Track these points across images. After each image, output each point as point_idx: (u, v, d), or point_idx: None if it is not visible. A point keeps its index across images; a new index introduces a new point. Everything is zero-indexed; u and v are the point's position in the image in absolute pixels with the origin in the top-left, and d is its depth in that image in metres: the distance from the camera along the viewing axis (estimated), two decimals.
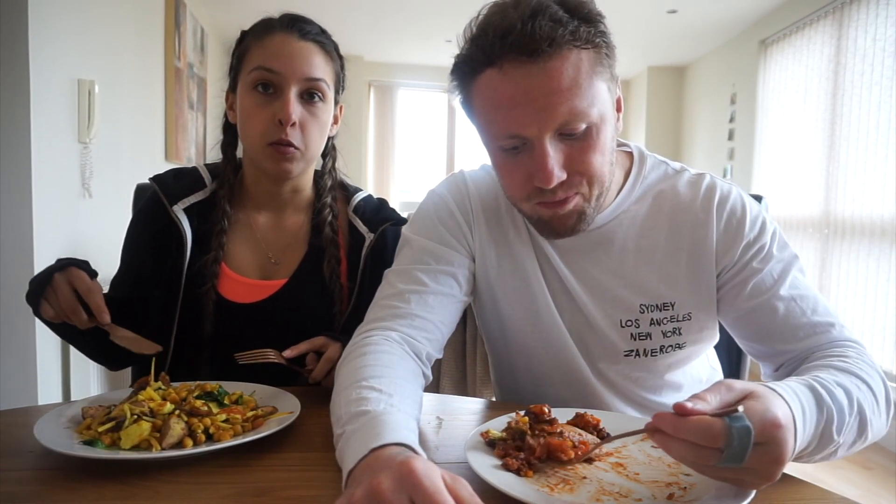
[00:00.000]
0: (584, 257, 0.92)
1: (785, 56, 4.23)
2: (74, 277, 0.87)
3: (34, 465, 0.68)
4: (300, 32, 1.01)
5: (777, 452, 0.55)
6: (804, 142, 3.93)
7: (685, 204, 0.90)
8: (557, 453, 0.67)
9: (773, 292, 0.84)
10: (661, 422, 0.55)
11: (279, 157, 0.99)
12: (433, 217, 0.95)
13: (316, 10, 1.17)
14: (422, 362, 0.85)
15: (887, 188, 3.16)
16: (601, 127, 0.78)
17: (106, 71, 2.34)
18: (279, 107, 0.98)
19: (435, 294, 0.89)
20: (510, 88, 0.75)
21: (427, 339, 0.86)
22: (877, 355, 3.18)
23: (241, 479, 0.66)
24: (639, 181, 0.92)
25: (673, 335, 0.90)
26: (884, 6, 3.26)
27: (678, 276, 0.89)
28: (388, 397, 0.68)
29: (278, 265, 1.08)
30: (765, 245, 0.87)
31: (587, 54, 0.76)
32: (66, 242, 2.04)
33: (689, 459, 0.56)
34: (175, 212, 1.02)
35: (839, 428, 0.65)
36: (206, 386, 0.83)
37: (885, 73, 3.22)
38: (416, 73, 6.23)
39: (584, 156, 0.78)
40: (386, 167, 6.40)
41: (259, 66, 0.98)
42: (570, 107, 0.74)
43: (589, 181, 0.81)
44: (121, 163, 2.52)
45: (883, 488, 2.49)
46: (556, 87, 0.73)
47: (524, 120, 0.75)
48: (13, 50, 1.73)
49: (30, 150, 1.76)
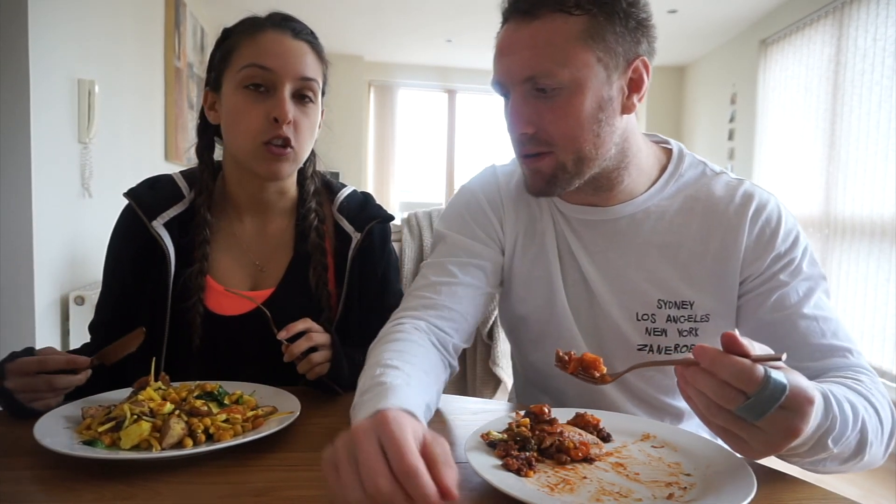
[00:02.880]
0: (606, 246, 0.92)
1: (785, 56, 4.23)
2: (16, 368, 0.80)
3: (34, 465, 0.68)
4: (293, 31, 0.99)
5: (795, 424, 0.55)
6: (804, 142, 3.93)
7: (719, 207, 0.89)
8: (591, 370, 0.68)
9: (795, 309, 0.84)
10: (701, 353, 0.56)
11: (272, 157, 0.97)
12: (464, 212, 1.00)
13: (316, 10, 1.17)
14: (447, 352, 0.89)
15: (887, 188, 3.16)
16: (575, 92, 0.81)
17: (106, 71, 2.34)
18: (274, 104, 0.95)
19: (464, 286, 0.93)
20: (504, 41, 0.85)
21: (454, 330, 0.91)
22: (877, 355, 3.18)
23: (241, 479, 0.66)
24: (673, 177, 0.93)
25: (689, 335, 0.90)
26: (884, 6, 3.26)
27: (701, 277, 0.89)
28: (406, 376, 0.72)
29: (264, 273, 1.05)
30: (795, 259, 0.86)
31: (577, 21, 0.80)
32: (65, 242, 2.04)
33: (711, 398, 0.56)
34: (155, 228, 0.99)
35: (837, 438, 0.65)
36: (206, 386, 0.83)
37: (885, 73, 3.22)
38: (416, 73, 6.24)
39: (552, 115, 0.82)
40: (386, 167, 6.40)
41: (252, 63, 0.96)
42: (537, 63, 0.80)
43: (560, 144, 0.83)
44: (121, 163, 2.52)
45: (883, 488, 2.49)
46: (532, 43, 0.81)
47: (503, 69, 0.85)
48: (13, 50, 1.73)
49: (30, 150, 1.77)
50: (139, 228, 1.00)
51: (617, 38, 0.81)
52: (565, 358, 0.70)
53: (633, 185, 0.91)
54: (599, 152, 0.85)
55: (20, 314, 1.76)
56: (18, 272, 1.76)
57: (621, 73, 0.83)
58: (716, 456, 0.68)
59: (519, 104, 0.83)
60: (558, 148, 0.83)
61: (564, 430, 0.71)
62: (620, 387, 0.94)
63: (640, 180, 0.92)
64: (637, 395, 0.95)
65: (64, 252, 2.03)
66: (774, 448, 0.57)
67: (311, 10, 4.89)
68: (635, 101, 0.85)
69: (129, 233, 1.02)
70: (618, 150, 0.87)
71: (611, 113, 0.84)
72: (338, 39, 5.37)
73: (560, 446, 0.69)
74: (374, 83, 6.26)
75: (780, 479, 0.69)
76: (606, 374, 0.69)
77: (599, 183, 0.89)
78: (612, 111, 0.84)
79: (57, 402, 0.83)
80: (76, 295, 2.03)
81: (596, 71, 0.81)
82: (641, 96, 0.85)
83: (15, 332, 1.76)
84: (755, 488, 0.59)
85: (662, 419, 0.94)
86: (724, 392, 0.55)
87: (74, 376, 0.83)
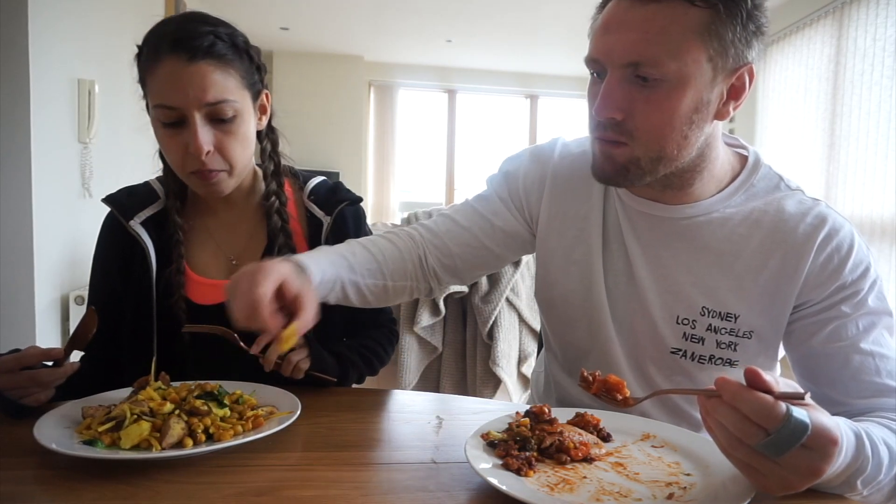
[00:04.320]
0: (660, 243, 0.90)
1: (785, 56, 4.23)
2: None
3: (34, 465, 0.68)
4: (188, 53, 0.91)
5: (817, 464, 0.54)
6: (804, 142, 3.93)
7: (787, 224, 0.84)
8: (614, 392, 0.69)
9: (853, 342, 0.80)
10: (723, 386, 0.55)
11: (205, 182, 0.97)
12: (505, 174, 1.03)
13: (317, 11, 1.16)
14: (422, 264, 0.99)
15: (887, 188, 3.16)
16: (676, 87, 0.76)
17: (106, 71, 2.34)
18: (188, 138, 0.93)
19: (466, 231, 0.99)
20: (613, 16, 0.78)
21: (436, 258, 0.99)
22: None
23: (241, 479, 0.66)
24: (744, 186, 0.89)
25: (727, 349, 0.86)
26: (884, 6, 3.26)
27: (752, 292, 0.85)
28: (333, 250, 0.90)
29: (238, 265, 1.06)
30: (860, 291, 0.81)
31: (698, 13, 0.74)
32: (65, 242, 2.04)
33: (731, 431, 0.55)
34: (133, 226, 1.01)
35: (867, 481, 0.63)
36: (206, 386, 0.83)
37: (885, 73, 3.22)
38: (416, 73, 6.24)
39: (646, 106, 0.77)
40: (386, 167, 6.40)
41: (158, 103, 0.93)
42: (646, 48, 0.74)
43: (644, 138, 0.78)
44: (121, 163, 2.52)
45: None
46: (645, 27, 0.74)
47: (605, 46, 0.78)
48: (13, 50, 1.73)
49: (30, 150, 1.77)
50: (120, 230, 1.02)
51: (734, 39, 0.75)
52: (589, 378, 0.70)
53: (703, 188, 0.88)
54: (681, 154, 0.81)
55: (20, 314, 1.76)
56: (18, 272, 1.76)
57: (727, 76, 0.78)
58: (716, 456, 0.68)
59: (613, 87, 0.77)
60: (639, 142, 0.79)
61: (564, 429, 0.71)
62: (644, 386, 0.92)
63: (710, 184, 0.88)
64: (660, 399, 0.93)
65: (64, 252, 2.03)
66: (795, 486, 0.56)
67: (311, 11, 4.89)
68: (731, 108, 0.80)
69: (111, 235, 1.05)
70: (698, 153, 0.83)
71: (705, 116, 0.79)
72: (338, 39, 5.37)
73: (560, 446, 0.69)
74: (374, 83, 6.26)
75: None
76: (630, 398, 0.69)
77: (670, 182, 0.86)
78: (707, 114, 0.79)
79: (47, 396, 0.84)
80: (76, 295, 2.03)
81: (704, 70, 0.76)
82: (738, 105, 0.81)
83: (15, 332, 1.76)
84: (755, 489, 0.59)
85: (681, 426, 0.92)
86: (744, 427, 0.54)
87: (58, 369, 0.84)
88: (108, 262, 1.06)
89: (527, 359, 2.08)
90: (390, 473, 0.68)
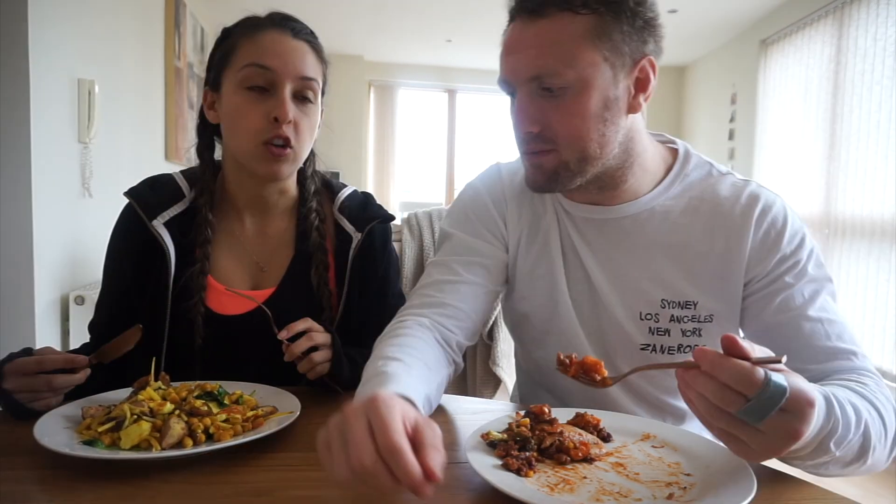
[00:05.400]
0: (610, 245, 0.92)
1: (785, 56, 4.23)
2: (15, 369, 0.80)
3: (34, 465, 0.68)
4: (293, 31, 0.99)
5: (796, 427, 0.55)
6: (804, 142, 3.93)
7: (724, 207, 0.89)
8: (592, 373, 0.69)
9: (800, 311, 0.83)
10: (701, 356, 0.56)
11: (272, 157, 0.96)
12: (469, 211, 1.01)
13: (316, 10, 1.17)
14: (451, 349, 0.90)
15: (887, 188, 3.16)
16: (580, 91, 0.80)
17: (106, 71, 2.34)
18: (274, 104, 0.95)
19: (468, 284, 0.94)
20: (511, 39, 0.84)
21: (458, 328, 0.91)
22: (877, 355, 3.18)
23: (241, 479, 0.66)
24: (679, 177, 0.92)
25: (693, 335, 0.89)
26: (884, 6, 3.26)
27: (705, 277, 0.88)
28: (407, 367, 0.75)
29: (265, 272, 1.05)
30: (800, 261, 0.86)
31: (584, 20, 0.79)
32: (66, 242, 2.04)
33: (711, 401, 0.55)
34: (155, 227, 0.99)
35: (839, 441, 0.64)
36: (206, 386, 0.83)
37: (886, 73, 3.22)
38: (416, 73, 6.23)
39: (558, 114, 0.82)
40: (386, 167, 6.39)
41: (252, 62, 0.95)
42: (543, 62, 0.80)
43: (565, 143, 0.83)
44: (121, 163, 2.52)
45: (883, 488, 2.48)
46: (538, 42, 0.80)
47: (509, 67, 0.84)
48: (13, 50, 1.73)
49: (30, 150, 1.77)
50: (139, 228, 0.99)
51: (624, 38, 0.80)
52: (566, 361, 0.70)
53: (638, 184, 0.91)
54: (604, 151, 0.84)
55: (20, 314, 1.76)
56: (18, 272, 1.76)
57: (628, 72, 0.82)
58: (716, 456, 0.68)
59: (525, 103, 0.83)
60: (562, 146, 0.83)
61: (564, 430, 0.71)
62: (623, 387, 0.94)
63: (644, 180, 0.91)
64: (640, 394, 0.95)
65: (64, 252, 2.03)
66: (776, 451, 0.57)
67: (311, 10, 4.89)
68: (641, 100, 0.85)
69: (130, 232, 1.02)
70: (622, 149, 0.87)
71: (616, 112, 0.83)
72: (338, 39, 5.37)
73: (560, 446, 0.69)
74: (375, 83, 6.26)
75: (780, 479, 0.69)
76: (608, 378, 0.69)
77: (604, 182, 0.89)
78: (618, 110, 0.83)
79: (57, 401, 0.83)
80: (76, 295, 2.03)
81: (602, 70, 0.80)
82: (648, 96, 0.85)
83: (15, 332, 1.76)
84: (755, 488, 0.59)
85: (665, 419, 0.94)
86: (724, 395, 0.54)
87: (73, 375, 0.83)
88: (122, 260, 1.03)
89: None
90: None
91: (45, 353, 0.84)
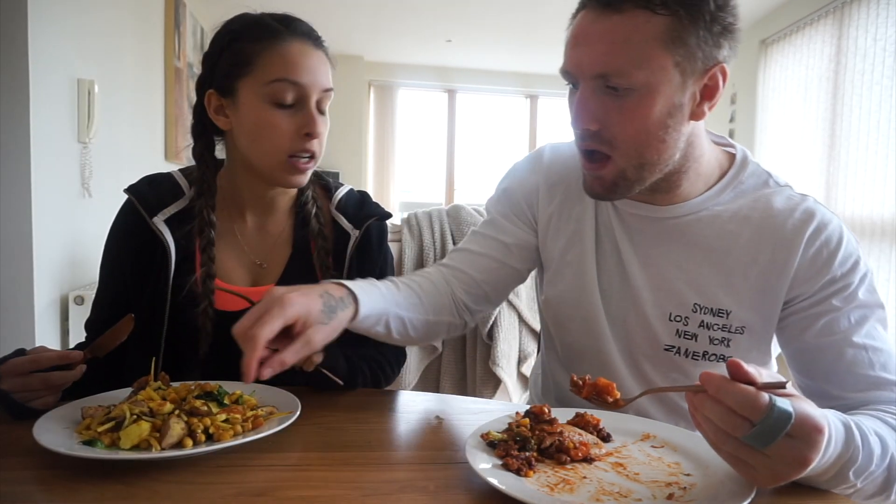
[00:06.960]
0: (650, 241, 0.91)
1: (785, 56, 4.23)
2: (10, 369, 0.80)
3: (34, 465, 0.68)
4: (313, 41, 0.98)
5: (804, 453, 0.54)
6: (804, 142, 3.93)
7: (776, 220, 0.85)
8: (604, 395, 0.69)
9: (845, 336, 0.80)
10: (707, 380, 0.56)
11: (297, 170, 0.98)
12: (502, 192, 1.06)
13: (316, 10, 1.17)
14: (456, 304, 0.97)
15: (887, 188, 3.16)
16: (646, 95, 0.77)
17: (106, 71, 2.34)
18: (304, 120, 0.95)
19: (481, 256, 1.00)
20: (580, 30, 0.80)
21: (464, 290, 0.98)
22: None
23: (241, 479, 0.66)
24: (733, 183, 0.89)
25: (720, 344, 0.87)
26: (884, 6, 3.26)
27: (742, 288, 0.86)
28: (386, 285, 0.87)
29: (264, 269, 1.06)
30: (851, 284, 0.81)
31: (660, 21, 0.75)
32: (65, 242, 2.04)
33: (718, 425, 0.55)
34: (156, 224, 0.98)
35: (858, 472, 0.63)
36: (206, 386, 0.83)
37: (886, 73, 3.22)
38: (416, 73, 6.23)
39: (619, 116, 0.79)
40: (386, 167, 6.40)
41: (282, 78, 0.94)
42: (612, 60, 0.76)
43: (623, 147, 0.80)
44: (121, 163, 2.52)
45: None
46: (610, 38, 0.77)
47: (575, 59, 0.81)
48: (13, 50, 1.73)
49: (30, 150, 1.76)
50: (139, 225, 0.99)
51: (699, 43, 0.76)
52: (579, 383, 0.70)
53: (691, 187, 0.89)
54: (662, 158, 0.82)
55: (20, 314, 1.76)
56: (18, 272, 1.76)
57: (697, 78, 0.79)
58: (716, 456, 0.68)
59: (587, 99, 0.80)
60: (619, 151, 0.81)
61: (564, 429, 0.71)
62: (640, 384, 0.92)
63: (697, 183, 0.89)
64: (658, 396, 0.94)
65: (64, 252, 2.03)
66: (784, 477, 0.56)
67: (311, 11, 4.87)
68: (706, 108, 0.81)
69: (129, 230, 1.01)
70: (681, 154, 0.84)
71: (679, 119, 0.80)
72: (338, 39, 5.36)
73: (560, 446, 0.69)
74: (374, 83, 6.26)
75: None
76: (620, 399, 0.69)
77: (658, 186, 0.87)
78: (681, 117, 0.80)
79: (55, 399, 0.83)
80: (76, 295, 2.03)
81: (671, 76, 0.77)
82: (713, 104, 0.81)
83: (15, 332, 1.75)
84: (755, 488, 0.59)
85: (678, 423, 0.93)
86: (730, 419, 0.54)
87: (69, 372, 0.83)
88: (121, 258, 1.02)
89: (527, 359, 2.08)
90: (390, 473, 0.68)
91: (39, 352, 0.84)
